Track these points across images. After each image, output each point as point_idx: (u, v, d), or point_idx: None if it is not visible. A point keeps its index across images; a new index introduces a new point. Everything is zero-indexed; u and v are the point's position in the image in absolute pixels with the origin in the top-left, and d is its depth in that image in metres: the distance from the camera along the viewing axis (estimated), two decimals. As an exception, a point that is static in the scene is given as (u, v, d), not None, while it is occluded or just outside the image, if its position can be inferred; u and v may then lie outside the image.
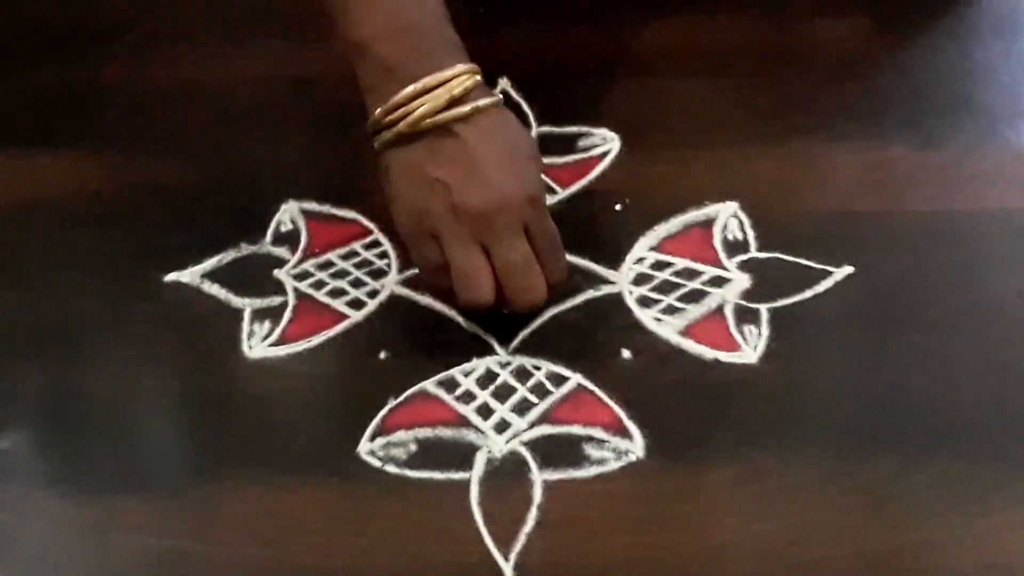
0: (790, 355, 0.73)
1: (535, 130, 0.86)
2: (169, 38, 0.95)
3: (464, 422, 0.71)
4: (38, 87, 0.93)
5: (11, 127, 0.90)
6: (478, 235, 0.70)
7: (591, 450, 0.69)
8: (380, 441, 0.70)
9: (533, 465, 0.68)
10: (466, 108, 0.71)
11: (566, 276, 0.75)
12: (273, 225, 0.82)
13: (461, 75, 0.71)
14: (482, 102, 0.71)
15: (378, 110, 0.72)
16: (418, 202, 0.71)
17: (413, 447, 0.70)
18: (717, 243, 0.79)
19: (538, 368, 0.73)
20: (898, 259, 0.77)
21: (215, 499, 0.68)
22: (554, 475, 0.68)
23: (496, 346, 0.74)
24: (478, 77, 0.72)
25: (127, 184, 0.85)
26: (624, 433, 0.70)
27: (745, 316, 0.75)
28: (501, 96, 0.74)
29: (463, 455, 0.69)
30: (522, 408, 0.71)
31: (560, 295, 0.76)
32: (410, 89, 0.71)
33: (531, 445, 0.70)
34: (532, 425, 0.70)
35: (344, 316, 0.77)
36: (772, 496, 0.66)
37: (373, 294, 0.78)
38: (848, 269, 0.76)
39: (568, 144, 0.85)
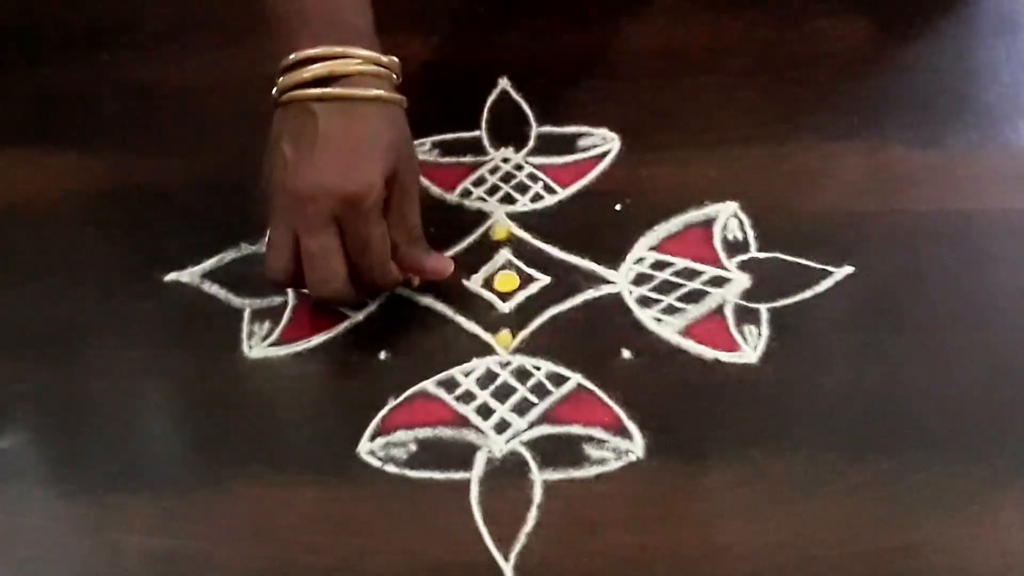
0: (790, 355, 0.73)
1: (535, 130, 0.86)
2: (169, 38, 0.95)
3: (464, 422, 0.71)
4: (38, 87, 0.93)
5: (11, 127, 0.90)
6: (291, 215, 0.69)
7: (591, 450, 0.69)
8: (380, 441, 0.70)
9: (533, 465, 0.68)
10: (330, 90, 0.69)
11: (391, 285, 0.74)
12: (273, 225, 0.82)
13: (353, 58, 0.70)
14: (356, 91, 0.70)
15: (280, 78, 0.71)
16: (265, 168, 0.71)
17: (413, 447, 0.70)
18: (717, 243, 0.79)
19: (538, 368, 0.73)
20: (898, 259, 0.77)
21: (215, 499, 0.69)
22: (554, 475, 0.68)
23: (496, 346, 0.74)
24: (378, 67, 0.71)
25: (127, 184, 0.85)
26: (624, 433, 0.70)
27: (745, 316, 0.75)
28: (393, 96, 0.72)
29: (463, 455, 0.69)
30: (522, 408, 0.71)
31: (560, 295, 0.76)
32: (292, 58, 0.70)
33: (531, 445, 0.70)
34: (532, 425, 0.70)
35: (344, 316, 0.76)
36: (772, 496, 0.66)
37: (373, 294, 0.78)
38: (848, 269, 0.76)
39: (568, 144, 0.85)
